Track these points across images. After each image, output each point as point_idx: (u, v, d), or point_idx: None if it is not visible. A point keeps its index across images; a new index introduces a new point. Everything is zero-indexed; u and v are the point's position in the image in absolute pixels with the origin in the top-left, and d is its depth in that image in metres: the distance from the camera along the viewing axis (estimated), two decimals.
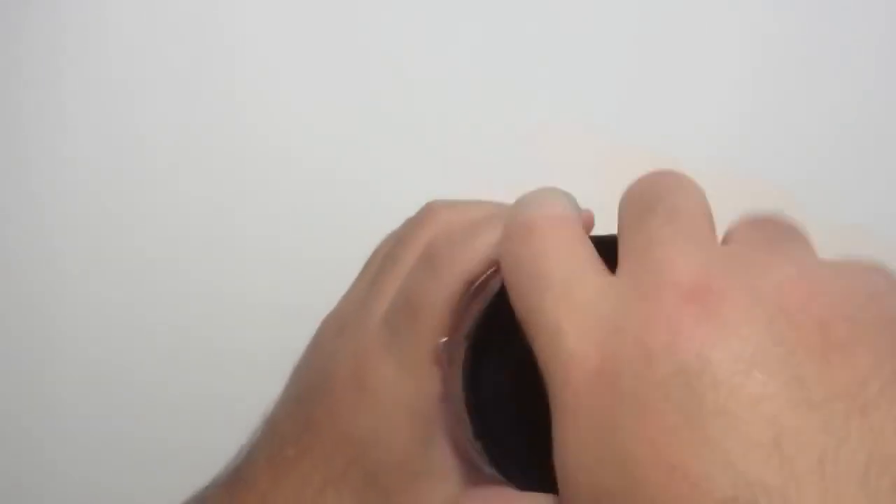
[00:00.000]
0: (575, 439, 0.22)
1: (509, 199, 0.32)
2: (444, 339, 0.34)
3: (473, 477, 0.34)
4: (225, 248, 0.53)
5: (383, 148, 0.54)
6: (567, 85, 0.55)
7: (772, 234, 0.26)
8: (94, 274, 0.53)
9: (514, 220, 0.28)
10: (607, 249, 0.27)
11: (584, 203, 0.34)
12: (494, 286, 0.32)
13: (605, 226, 0.33)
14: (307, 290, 0.40)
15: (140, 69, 0.56)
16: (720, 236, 0.27)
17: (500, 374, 0.30)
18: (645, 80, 0.54)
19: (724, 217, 0.27)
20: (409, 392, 0.34)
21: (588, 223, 0.36)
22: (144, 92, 0.56)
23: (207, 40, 0.57)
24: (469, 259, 0.34)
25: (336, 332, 0.39)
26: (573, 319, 0.24)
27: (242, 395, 0.41)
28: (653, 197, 0.27)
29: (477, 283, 0.34)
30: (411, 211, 0.37)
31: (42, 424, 0.52)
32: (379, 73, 0.56)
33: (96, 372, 0.52)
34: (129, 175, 0.55)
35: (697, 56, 0.55)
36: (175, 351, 0.52)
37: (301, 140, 0.55)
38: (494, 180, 0.47)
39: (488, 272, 0.34)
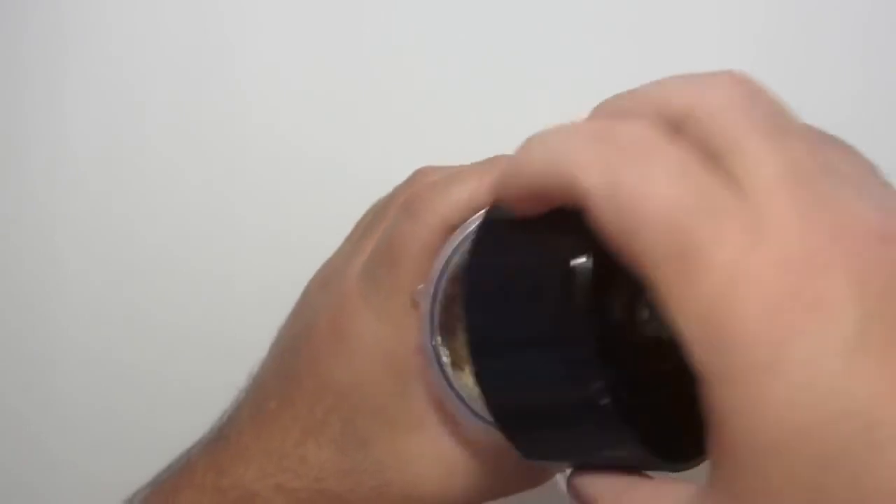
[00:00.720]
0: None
1: None
2: (422, 286, 0.33)
3: (453, 431, 0.34)
4: (225, 237, 0.53)
5: (381, 133, 0.54)
6: (565, 78, 0.55)
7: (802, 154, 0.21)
8: (93, 263, 0.53)
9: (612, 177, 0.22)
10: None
11: None
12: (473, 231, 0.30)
13: None
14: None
15: (139, 65, 0.56)
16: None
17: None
18: (643, 72, 0.54)
19: None
20: (387, 341, 0.34)
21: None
22: (143, 86, 0.56)
23: (205, 32, 0.57)
24: (448, 204, 0.34)
25: (320, 286, 0.39)
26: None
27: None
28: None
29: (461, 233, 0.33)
30: None
31: (41, 413, 0.52)
32: (375, 59, 0.56)
33: (96, 360, 0.52)
34: (128, 167, 0.55)
35: (697, 51, 0.55)
36: (176, 341, 0.52)
37: (300, 131, 0.55)
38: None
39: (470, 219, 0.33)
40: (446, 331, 0.34)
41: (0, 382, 0.52)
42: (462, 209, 0.34)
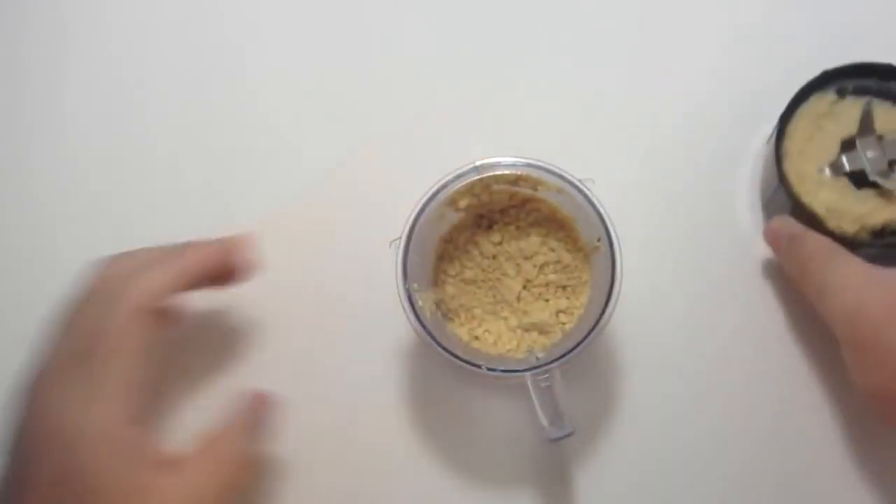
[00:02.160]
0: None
1: None
2: (396, 239, 0.41)
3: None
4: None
5: (380, 133, 0.54)
6: (565, 78, 0.55)
7: None
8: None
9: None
10: None
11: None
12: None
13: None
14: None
15: (139, 65, 0.56)
16: None
17: None
18: (642, 71, 0.54)
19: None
20: (99, 422, 0.38)
21: None
22: (143, 86, 0.56)
23: (205, 32, 0.57)
24: (140, 291, 0.40)
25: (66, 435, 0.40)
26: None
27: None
28: None
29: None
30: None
31: None
32: (375, 58, 0.56)
33: None
34: (128, 167, 0.55)
35: (696, 52, 0.55)
36: (176, 339, 0.52)
37: (300, 130, 0.55)
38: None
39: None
40: (434, 285, 0.46)
41: (0, 382, 0.52)
42: (154, 294, 0.40)
